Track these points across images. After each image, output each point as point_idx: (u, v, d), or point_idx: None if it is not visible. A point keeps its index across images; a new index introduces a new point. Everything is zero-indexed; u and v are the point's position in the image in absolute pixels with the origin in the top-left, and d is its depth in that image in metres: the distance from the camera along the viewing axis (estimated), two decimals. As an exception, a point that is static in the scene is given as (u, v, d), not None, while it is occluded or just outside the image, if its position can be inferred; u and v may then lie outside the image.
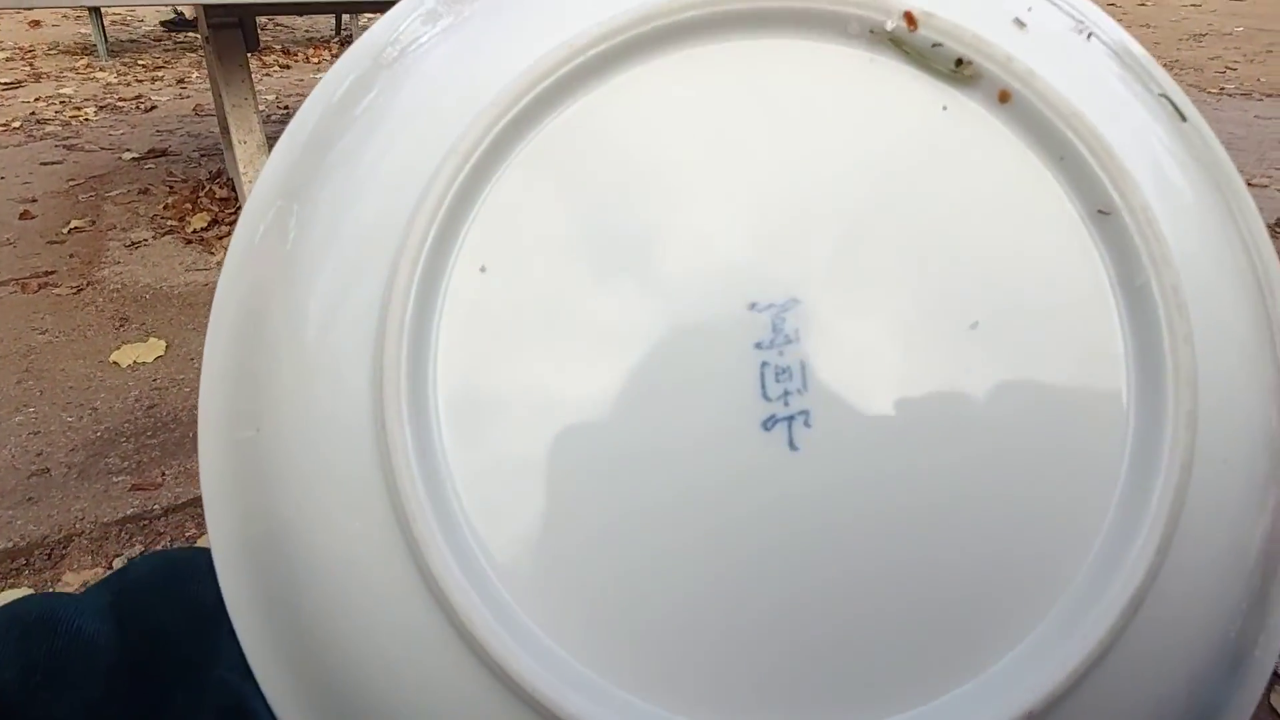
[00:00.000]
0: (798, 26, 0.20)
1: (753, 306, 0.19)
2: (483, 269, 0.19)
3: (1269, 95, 3.91)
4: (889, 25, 0.19)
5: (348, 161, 0.22)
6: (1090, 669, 0.17)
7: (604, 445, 0.18)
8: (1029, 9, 0.21)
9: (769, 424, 0.18)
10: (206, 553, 0.28)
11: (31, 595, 0.25)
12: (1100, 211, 0.19)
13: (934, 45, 0.19)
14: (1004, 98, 0.19)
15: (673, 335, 0.19)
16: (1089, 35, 0.21)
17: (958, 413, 0.18)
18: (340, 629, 0.20)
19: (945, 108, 0.20)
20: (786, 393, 0.18)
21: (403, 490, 0.18)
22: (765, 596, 0.18)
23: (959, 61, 0.19)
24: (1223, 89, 3.98)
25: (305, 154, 0.23)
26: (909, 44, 0.19)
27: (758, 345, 0.18)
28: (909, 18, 0.19)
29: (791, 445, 0.18)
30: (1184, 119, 0.22)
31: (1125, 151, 0.19)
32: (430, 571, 0.18)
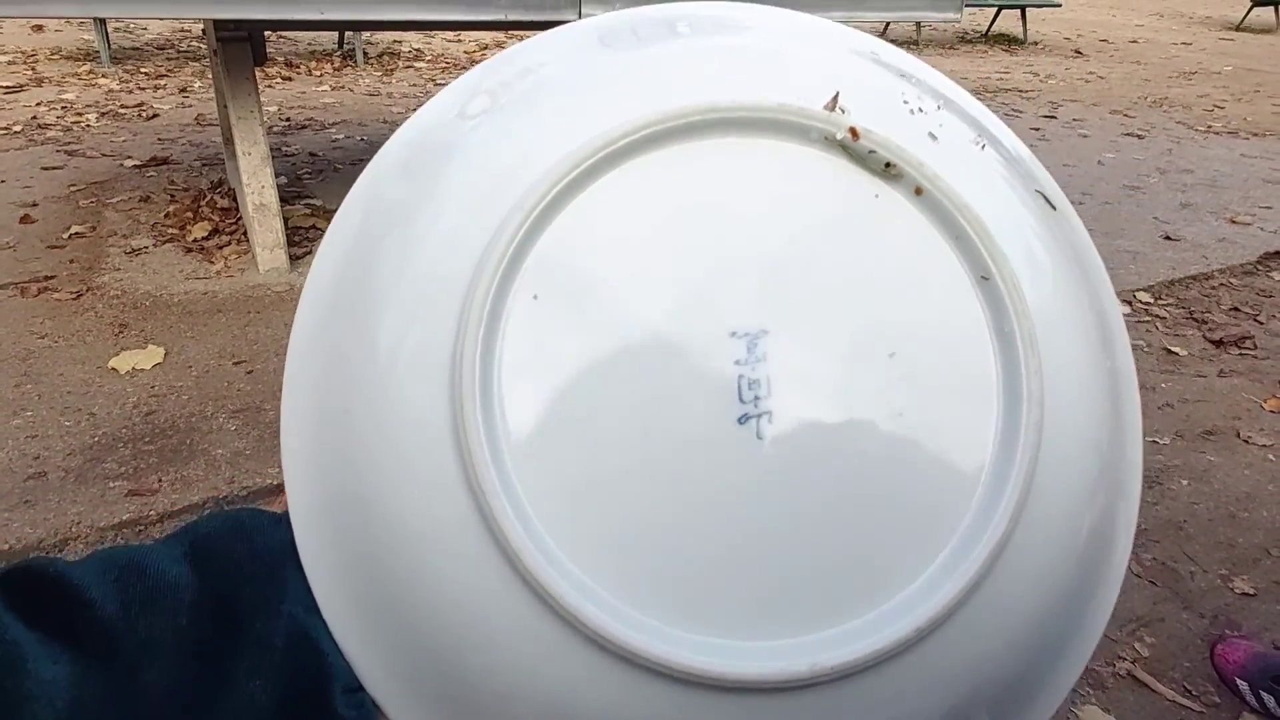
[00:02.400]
0: (773, 131, 0.27)
1: (733, 334, 0.26)
2: (535, 297, 0.26)
3: (1255, 134, 4.02)
4: (839, 135, 0.27)
5: (406, 221, 0.28)
6: (962, 601, 0.24)
7: (625, 430, 0.25)
8: (940, 125, 0.28)
9: (743, 420, 0.25)
10: (264, 512, 0.32)
11: (117, 546, 0.29)
12: (983, 277, 0.26)
13: (870, 152, 0.27)
14: (919, 191, 0.27)
15: (677, 352, 0.26)
16: (984, 146, 0.29)
17: (876, 415, 0.26)
18: (404, 569, 0.27)
19: (877, 196, 0.27)
20: (756, 397, 0.25)
21: (475, 457, 0.25)
22: (736, 542, 0.25)
23: (887, 164, 0.27)
24: (1210, 127, 4.08)
25: (370, 213, 0.30)
26: (852, 149, 0.27)
27: (736, 362, 0.26)
28: (853, 131, 0.27)
29: (758, 435, 0.25)
30: (1054, 208, 0.30)
31: (1002, 233, 0.27)
32: (491, 513, 0.24)
